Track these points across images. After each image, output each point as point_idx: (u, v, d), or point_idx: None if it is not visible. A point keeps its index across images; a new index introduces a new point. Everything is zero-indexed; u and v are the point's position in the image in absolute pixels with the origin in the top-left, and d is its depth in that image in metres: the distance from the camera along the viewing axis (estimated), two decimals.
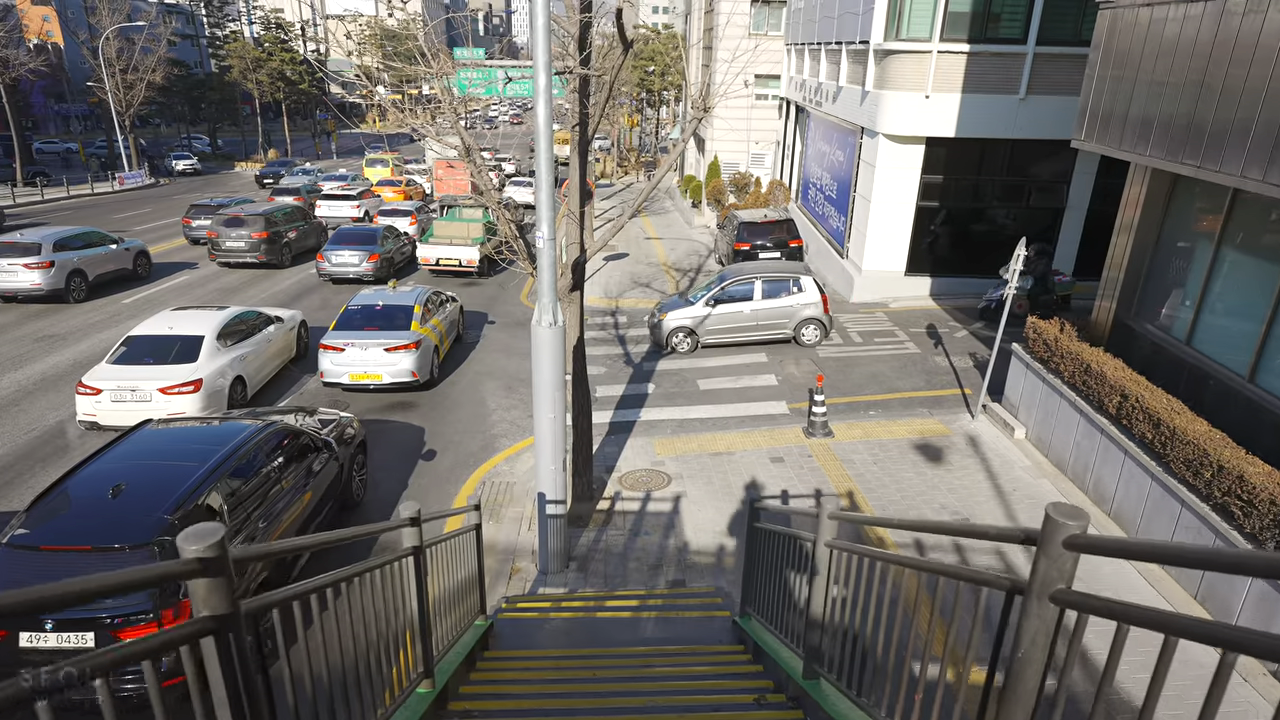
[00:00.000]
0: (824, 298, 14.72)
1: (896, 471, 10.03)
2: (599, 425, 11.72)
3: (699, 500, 9.51)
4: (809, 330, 14.83)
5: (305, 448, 8.22)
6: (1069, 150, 16.50)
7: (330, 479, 8.60)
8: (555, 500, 7.76)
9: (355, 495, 9.33)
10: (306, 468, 8.07)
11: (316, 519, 8.12)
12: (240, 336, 12.38)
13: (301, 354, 14.63)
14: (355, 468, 9.37)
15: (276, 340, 13.47)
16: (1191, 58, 7.67)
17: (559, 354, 7.22)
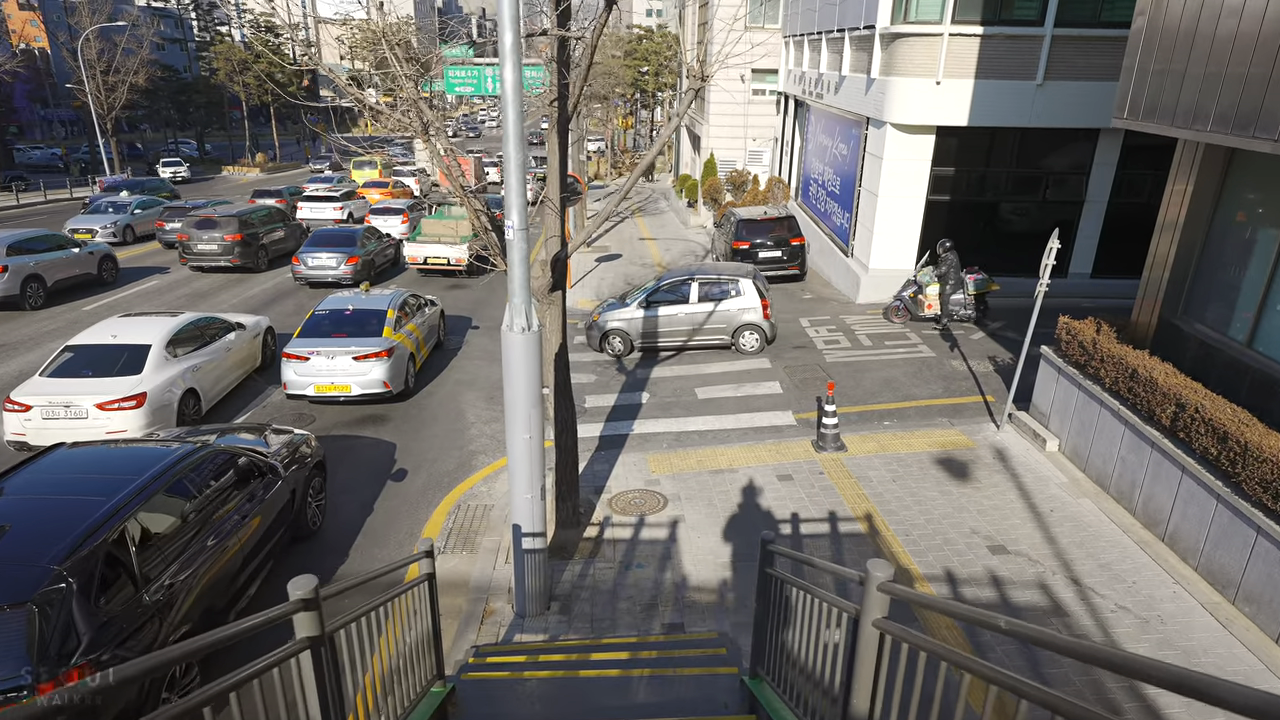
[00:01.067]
0: (764, 302, 13.70)
1: (918, 490, 8.99)
2: (587, 440, 10.68)
3: (699, 525, 8.46)
4: (747, 337, 13.83)
5: (247, 472, 7.26)
6: (1088, 140, 15.53)
7: (279, 507, 7.63)
8: (532, 533, 6.70)
9: (310, 524, 8.35)
10: (248, 495, 7.12)
11: (262, 552, 7.13)
12: (195, 345, 11.41)
13: (267, 363, 13.57)
14: (311, 492, 8.41)
15: (237, 349, 12.44)
16: (1267, 9, 6.65)
17: (534, 364, 6.17)
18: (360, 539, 8.48)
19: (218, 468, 6.83)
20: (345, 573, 7.85)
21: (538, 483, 6.59)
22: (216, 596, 6.23)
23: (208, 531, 6.34)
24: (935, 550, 7.79)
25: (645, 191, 42.15)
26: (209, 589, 6.13)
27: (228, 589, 6.42)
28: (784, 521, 8.45)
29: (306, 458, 8.44)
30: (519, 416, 6.31)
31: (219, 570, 6.32)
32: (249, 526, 6.91)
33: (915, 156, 15.63)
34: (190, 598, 5.85)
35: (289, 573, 7.80)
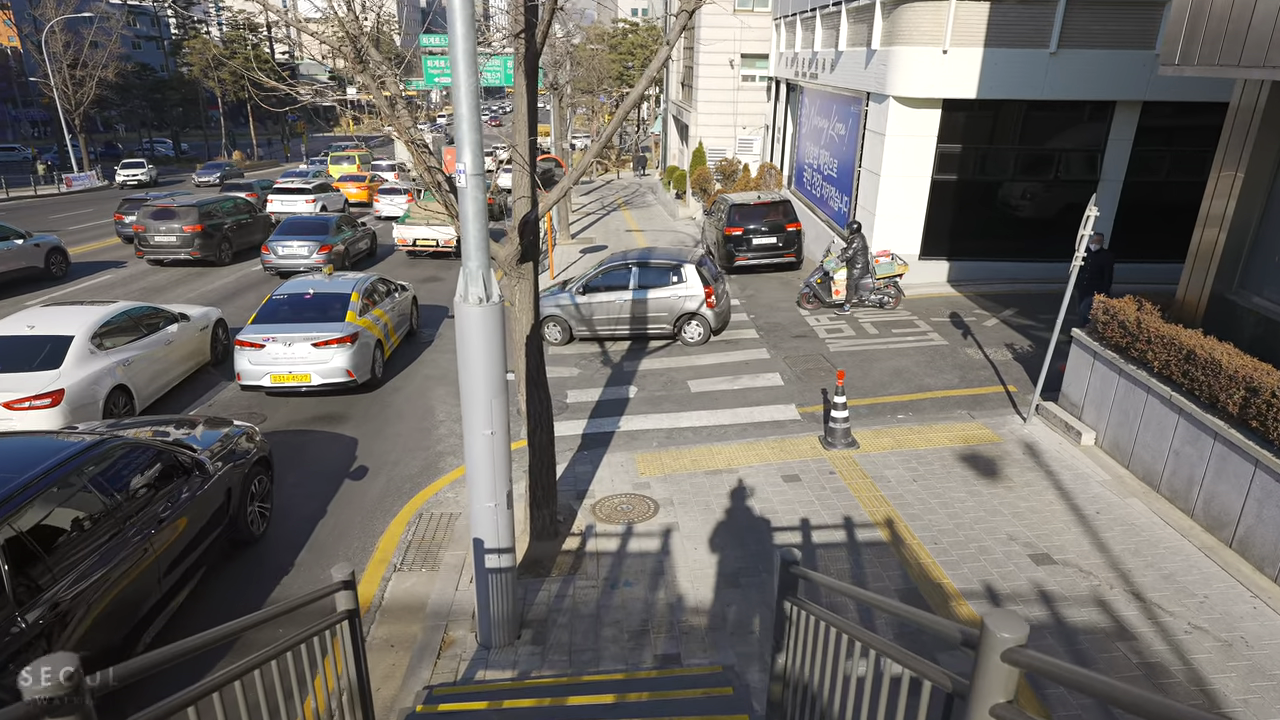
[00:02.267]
0: (708, 290, 12.66)
1: (943, 491, 7.92)
2: (568, 438, 9.56)
3: (695, 535, 7.35)
4: (691, 327, 12.84)
5: (169, 470, 6.29)
6: (1103, 114, 14.55)
7: (211, 509, 6.63)
8: (497, 548, 5.57)
9: (251, 528, 7.32)
10: (168, 496, 6.11)
11: (186, 561, 6.12)
12: (129, 338, 10.28)
13: (218, 359, 12.40)
14: (253, 492, 7.41)
15: (181, 342, 11.31)
16: None
17: (495, 343, 5.04)
18: (305, 553, 7.32)
19: (128, 464, 5.86)
20: (286, 591, 6.70)
21: (503, 488, 5.46)
22: (125, 614, 5.31)
23: (114, 539, 5.34)
24: (970, 561, 6.71)
25: (632, 185, 41.07)
26: (116, 606, 5.18)
27: (139, 605, 5.47)
28: (792, 529, 7.36)
29: (246, 453, 7.41)
30: (478, 408, 5.18)
31: (129, 584, 5.34)
32: (169, 532, 5.92)
33: (920, 133, 14.60)
34: (89, 617, 4.91)
35: (225, 585, 6.77)
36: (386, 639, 6.15)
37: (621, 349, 13.04)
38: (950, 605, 6.12)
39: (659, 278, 12.89)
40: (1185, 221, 8.79)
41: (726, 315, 13.29)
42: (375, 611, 6.49)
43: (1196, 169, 15.00)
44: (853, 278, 14.14)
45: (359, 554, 7.36)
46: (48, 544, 4.83)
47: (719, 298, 12.77)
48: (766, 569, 6.71)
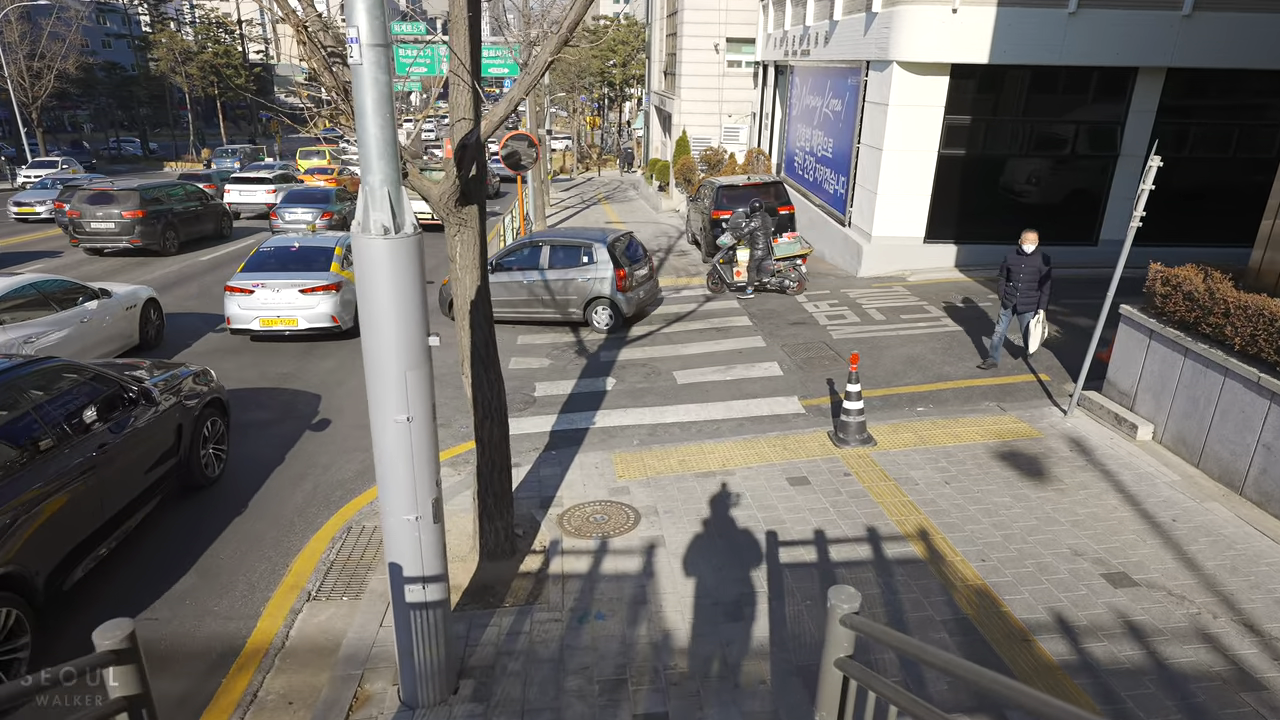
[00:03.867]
0: (620, 273, 11.58)
1: (983, 495, 6.57)
2: (534, 436, 8.15)
3: (684, 552, 5.94)
4: (600, 312, 11.79)
5: (113, 398, 6.02)
6: (1123, 82, 13.34)
7: (161, 440, 6.39)
8: (422, 576, 4.13)
9: (206, 472, 7.07)
10: (114, 423, 5.86)
11: (137, 486, 5.98)
12: (39, 313, 9.28)
13: (149, 342, 11.28)
14: (206, 434, 7.09)
15: (99, 322, 10.17)
16: None
17: (410, 294, 3.62)
18: (191, 577, 5.83)
19: (67, 385, 5.72)
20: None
21: (427, 494, 4.02)
22: (64, 533, 5.14)
23: (52, 457, 5.16)
24: (1029, 583, 5.35)
25: (614, 182, 39.76)
26: (53, 523, 5.01)
27: (79, 527, 5.30)
28: (804, 543, 5.97)
29: (197, 393, 7.07)
30: (388, 384, 3.75)
31: (68, 503, 5.17)
32: (114, 457, 5.71)
33: (926, 102, 13.33)
34: (22, 530, 4.74)
35: (180, 519, 6.63)
36: (284, 694, 4.69)
37: (598, 339, 11.63)
38: (1021, 646, 4.74)
39: (569, 258, 11.92)
40: (1211, 201, 7.55)
41: (648, 302, 12.39)
42: (274, 655, 5.02)
43: (1223, 143, 13.87)
44: (754, 259, 13.46)
45: (261, 585, 5.88)
46: None
47: (633, 281, 11.76)
48: (776, 595, 5.31)
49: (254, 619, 5.44)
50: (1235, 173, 13.84)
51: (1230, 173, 13.80)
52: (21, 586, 4.64)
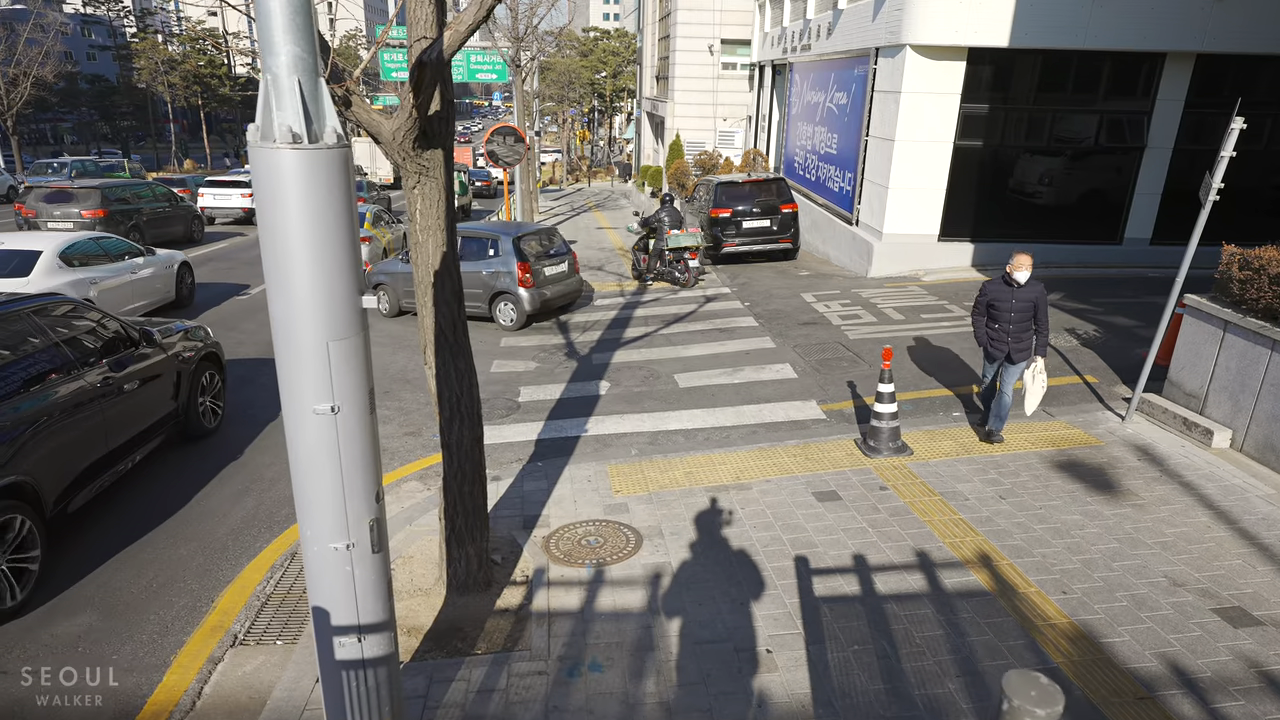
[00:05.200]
0: (522, 267, 10.99)
1: (1048, 513, 5.55)
2: (518, 445, 7.10)
3: (697, 582, 4.89)
4: (503, 308, 11.24)
5: (116, 340, 6.27)
6: (1150, 68, 12.52)
7: (161, 382, 6.59)
8: (357, 625, 3.06)
9: (204, 422, 7.30)
10: (116, 362, 6.08)
11: (137, 424, 6.18)
12: (98, 261, 10.81)
13: (183, 300, 12.48)
14: (204, 385, 7.33)
15: (146, 276, 11.54)
16: None
17: (335, 228, 2.58)
18: (88, 615, 4.72)
19: (74, 321, 6.03)
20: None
21: (364, 513, 2.95)
22: (69, 457, 5.33)
23: (58, 385, 5.40)
24: (1127, 620, 4.33)
25: (604, 191, 38.93)
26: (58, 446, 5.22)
27: (82, 454, 5.48)
28: (842, 571, 4.93)
29: (194, 346, 7.28)
30: (301, 360, 2.70)
31: (73, 428, 5.38)
32: (117, 392, 5.94)
33: (941, 89, 12.46)
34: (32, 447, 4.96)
35: (179, 459, 6.84)
36: None
37: (591, 339, 10.61)
38: (1136, 707, 3.70)
39: (479, 250, 11.50)
40: (1241, 197, 6.63)
41: (561, 300, 11.90)
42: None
43: (1255, 136, 13.01)
44: (655, 249, 13.90)
45: (183, 616, 4.78)
46: None
47: (541, 278, 11.26)
48: (815, 639, 4.27)
49: (160, 670, 4.35)
50: (1267, 167, 13.03)
51: (1262, 167, 12.98)
52: (33, 498, 4.90)
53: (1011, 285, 6.39)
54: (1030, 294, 6.35)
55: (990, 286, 6.55)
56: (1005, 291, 6.42)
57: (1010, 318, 6.39)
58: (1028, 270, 6.34)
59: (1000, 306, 6.43)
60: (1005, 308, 6.40)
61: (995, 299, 6.46)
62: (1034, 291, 6.36)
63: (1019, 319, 6.38)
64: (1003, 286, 6.45)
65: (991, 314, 6.52)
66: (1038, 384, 6.44)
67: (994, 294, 6.48)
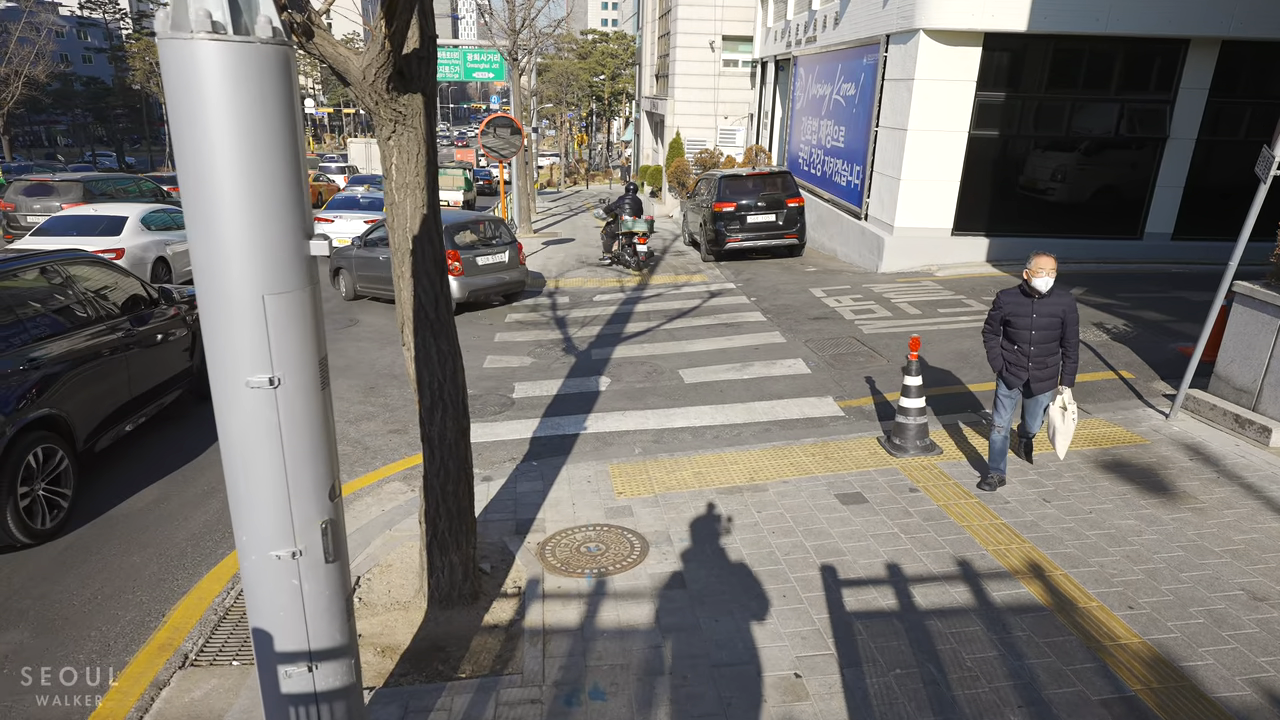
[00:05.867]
0: (450, 254, 10.87)
1: (1100, 517, 5.00)
2: (512, 443, 6.55)
3: (711, 595, 4.33)
4: None
5: (136, 297, 6.62)
6: (1172, 55, 12.03)
7: (175, 338, 6.92)
8: (307, 651, 2.49)
9: None
10: (136, 317, 6.43)
11: (156, 375, 6.52)
12: (172, 228, 12.66)
13: None
14: None
15: None
16: None
17: (273, 144, 2.01)
18: (20, 631, 4.15)
19: (96, 274, 6.36)
20: None
21: (312, 513, 2.38)
22: (98, 398, 5.70)
23: (86, 330, 5.75)
24: (1207, 641, 3.77)
25: (601, 193, 38.44)
26: (86, 385, 5.58)
27: (108, 396, 5.84)
28: (875, 583, 4.37)
29: None
30: (230, 320, 2.13)
31: (99, 369, 5.73)
32: (137, 342, 6.31)
33: (956, 76, 11.97)
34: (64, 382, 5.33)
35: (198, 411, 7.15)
36: None
37: (589, 334, 10.07)
38: None
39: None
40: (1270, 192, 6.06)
41: (493, 290, 11.68)
42: None
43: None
44: (611, 230, 14.98)
45: (129, 632, 4.21)
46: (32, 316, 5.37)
47: (472, 267, 11.18)
48: (850, 661, 3.71)
49: (98, 694, 3.77)
50: None
51: None
52: (66, 432, 5.24)
53: (1031, 295, 5.09)
54: (1055, 306, 5.06)
55: (1006, 298, 5.26)
56: (1024, 304, 5.13)
57: (1030, 336, 5.10)
58: (1050, 275, 5.03)
59: (1018, 323, 5.14)
60: (1024, 324, 5.11)
61: (1012, 313, 5.17)
62: (1060, 303, 5.07)
63: (1041, 338, 5.10)
64: (1020, 298, 5.16)
65: (1008, 332, 5.24)
66: (1067, 421, 5.24)
67: (1010, 307, 5.19)
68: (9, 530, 4.70)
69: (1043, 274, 5.02)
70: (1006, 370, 5.29)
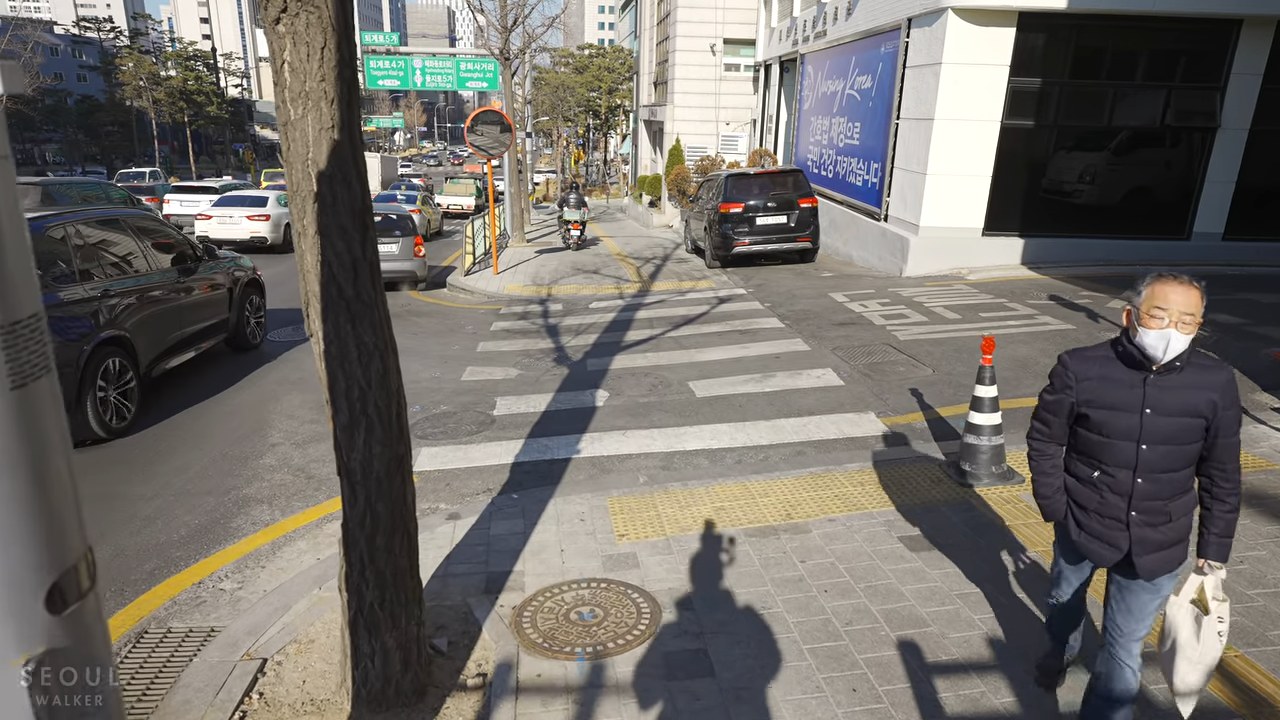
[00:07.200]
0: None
1: (1260, 571, 3.81)
2: (485, 470, 5.37)
3: (754, 693, 3.11)
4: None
5: (185, 252, 7.59)
6: (1223, 37, 10.98)
7: (218, 289, 7.95)
8: None
9: (250, 338, 8.62)
10: (185, 269, 7.43)
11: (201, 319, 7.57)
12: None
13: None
14: (249, 307, 8.58)
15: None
16: None
17: None
18: None
19: (154, 228, 7.38)
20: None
21: (11, 640, 1.17)
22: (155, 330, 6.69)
23: (146, 273, 6.78)
24: None
25: (598, 207, 37.44)
26: (146, 319, 6.56)
27: (164, 330, 6.87)
28: (980, 668, 3.16)
29: (243, 268, 8.59)
30: None
31: (155, 306, 6.74)
32: (185, 287, 7.30)
33: (987, 59, 10.89)
34: (131, 314, 6.36)
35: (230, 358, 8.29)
36: None
37: (585, 343, 8.89)
38: None
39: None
40: None
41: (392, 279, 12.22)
42: None
43: None
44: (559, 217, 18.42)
45: None
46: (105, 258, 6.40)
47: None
48: None
49: None
50: None
51: None
52: (132, 354, 6.24)
53: (1141, 365, 2.34)
54: (1196, 391, 2.30)
55: (1081, 367, 2.47)
56: (1123, 381, 2.38)
57: (1137, 455, 2.37)
58: (1190, 326, 2.23)
59: (1111, 423, 2.40)
60: (1123, 426, 2.38)
61: (1097, 400, 2.42)
62: (1206, 384, 2.30)
63: (1159, 457, 2.35)
64: (1114, 369, 2.41)
65: (1084, 441, 2.50)
66: (1209, 629, 2.36)
67: (1094, 389, 2.43)
68: (89, 424, 5.66)
69: (1168, 319, 2.23)
70: (1079, 519, 2.54)
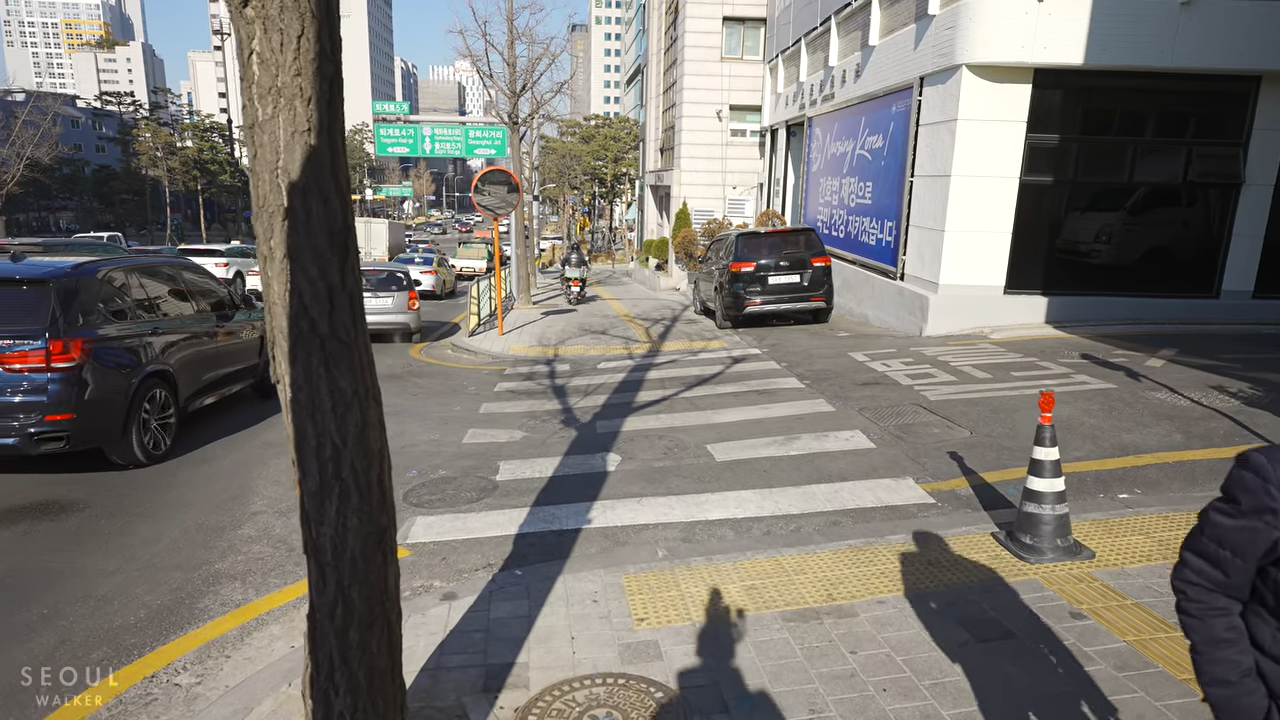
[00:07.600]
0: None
1: None
2: (486, 543, 4.84)
3: None
4: None
5: (222, 300, 8.18)
6: (1244, 92, 10.81)
7: (249, 335, 8.46)
8: None
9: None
10: (222, 315, 8.05)
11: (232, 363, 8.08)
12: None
13: None
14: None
15: None
16: None
17: None
18: None
19: (196, 275, 8.04)
20: None
21: None
22: (192, 368, 7.22)
23: (185, 316, 7.40)
24: None
25: (604, 272, 37.51)
26: (185, 357, 7.11)
27: (199, 369, 7.38)
28: None
29: None
30: None
31: (193, 348, 7.31)
32: (221, 332, 7.90)
33: (1004, 115, 10.70)
34: (172, 354, 6.89)
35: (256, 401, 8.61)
36: None
37: (594, 404, 8.42)
38: None
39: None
40: None
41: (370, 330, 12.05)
42: None
43: None
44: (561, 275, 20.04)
45: None
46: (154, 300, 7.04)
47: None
48: None
49: None
50: None
51: None
52: (174, 388, 6.77)
53: None
54: None
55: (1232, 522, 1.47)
56: None
57: None
58: None
59: None
60: None
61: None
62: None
63: None
64: None
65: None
66: None
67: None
68: (133, 450, 6.12)
69: None
70: None
